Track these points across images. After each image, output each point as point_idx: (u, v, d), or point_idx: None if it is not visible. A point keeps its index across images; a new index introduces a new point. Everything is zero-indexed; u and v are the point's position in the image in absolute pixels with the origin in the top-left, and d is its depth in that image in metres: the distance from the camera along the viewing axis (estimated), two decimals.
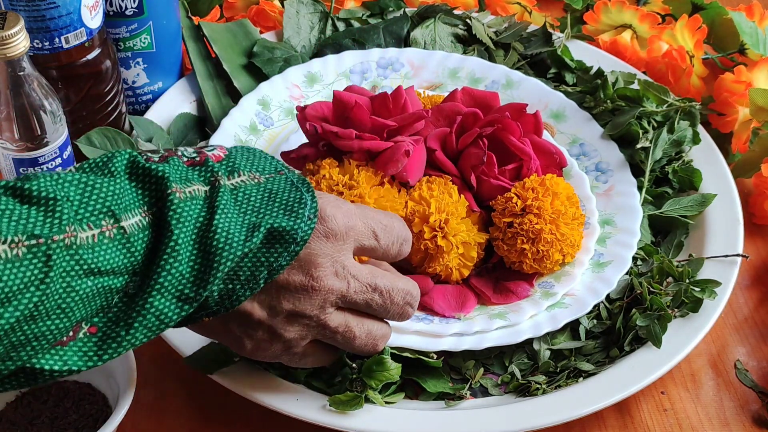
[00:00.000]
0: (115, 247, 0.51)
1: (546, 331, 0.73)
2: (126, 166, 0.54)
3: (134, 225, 0.52)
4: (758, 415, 0.73)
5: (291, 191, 0.59)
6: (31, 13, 0.75)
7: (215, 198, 0.55)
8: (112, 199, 0.51)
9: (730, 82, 0.92)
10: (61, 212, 0.48)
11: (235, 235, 0.55)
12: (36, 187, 0.48)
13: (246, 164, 0.60)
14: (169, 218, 0.53)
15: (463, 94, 0.82)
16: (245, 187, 0.58)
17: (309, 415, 0.67)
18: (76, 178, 0.51)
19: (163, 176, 0.54)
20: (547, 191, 0.76)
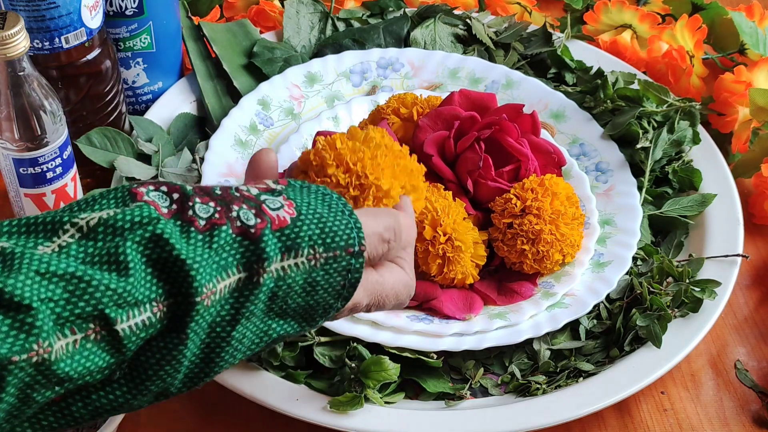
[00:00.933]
0: (101, 350, 0.44)
1: (546, 331, 0.73)
2: (148, 249, 0.45)
3: (136, 325, 0.45)
4: (758, 415, 0.73)
5: (334, 289, 0.52)
6: (31, 13, 0.75)
7: (246, 300, 0.48)
8: (109, 299, 0.44)
9: (730, 82, 0.92)
10: (32, 325, 0.41)
11: (246, 343, 0.50)
12: (11, 289, 0.41)
13: (314, 233, 0.50)
14: (189, 330, 0.46)
15: (460, 97, 0.82)
16: (293, 276, 0.50)
17: (309, 415, 0.67)
18: (69, 273, 0.43)
19: (194, 278, 0.45)
20: (547, 192, 0.76)
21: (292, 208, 0.51)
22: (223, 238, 0.47)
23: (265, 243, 0.48)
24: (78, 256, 0.44)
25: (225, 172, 0.83)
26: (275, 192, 0.51)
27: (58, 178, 0.77)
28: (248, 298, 0.48)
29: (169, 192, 0.48)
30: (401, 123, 0.82)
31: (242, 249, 0.48)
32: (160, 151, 0.85)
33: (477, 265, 0.76)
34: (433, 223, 0.74)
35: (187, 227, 0.47)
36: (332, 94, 0.92)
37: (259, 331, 0.50)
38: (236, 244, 0.48)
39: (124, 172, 0.83)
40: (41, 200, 0.78)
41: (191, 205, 0.48)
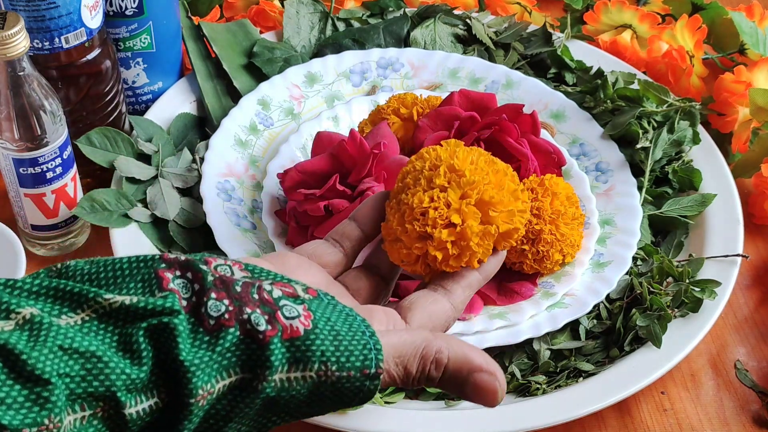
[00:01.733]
0: (106, 429, 0.45)
1: (546, 331, 0.73)
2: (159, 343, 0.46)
3: (143, 410, 0.45)
4: (758, 415, 0.73)
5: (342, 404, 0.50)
6: (31, 13, 0.75)
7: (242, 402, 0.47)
8: (122, 383, 0.44)
9: (730, 82, 0.92)
10: (48, 400, 0.42)
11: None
12: (33, 362, 0.42)
13: (327, 349, 0.48)
14: (181, 426, 0.46)
15: (460, 97, 0.82)
16: (297, 389, 0.48)
17: None
18: (90, 351, 0.44)
19: (191, 380, 0.45)
20: (547, 191, 0.76)
21: (309, 320, 0.49)
22: (228, 341, 0.47)
23: (271, 351, 0.47)
24: (98, 334, 0.45)
25: (225, 172, 0.83)
26: (298, 300, 0.50)
27: (58, 178, 0.77)
28: (244, 400, 0.48)
29: (192, 281, 0.48)
30: (401, 123, 0.82)
31: (248, 351, 0.47)
32: (160, 151, 0.85)
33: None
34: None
35: (197, 326, 0.47)
36: (332, 94, 0.92)
37: (256, 423, 0.50)
38: (243, 345, 0.47)
39: (124, 172, 0.83)
40: (41, 200, 0.78)
41: (205, 301, 0.47)
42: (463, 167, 0.56)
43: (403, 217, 0.56)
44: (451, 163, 0.56)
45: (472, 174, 0.56)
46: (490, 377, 0.51)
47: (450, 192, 0.55)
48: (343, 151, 0.77)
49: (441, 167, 0.56)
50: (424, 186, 0.56)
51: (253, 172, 0.85)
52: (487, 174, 0.56)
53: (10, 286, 0.46)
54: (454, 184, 0.56)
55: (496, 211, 0.56)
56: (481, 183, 0.56)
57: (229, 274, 0.49)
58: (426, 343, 0.51)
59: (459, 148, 0.58)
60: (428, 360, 0.51)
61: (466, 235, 0.55)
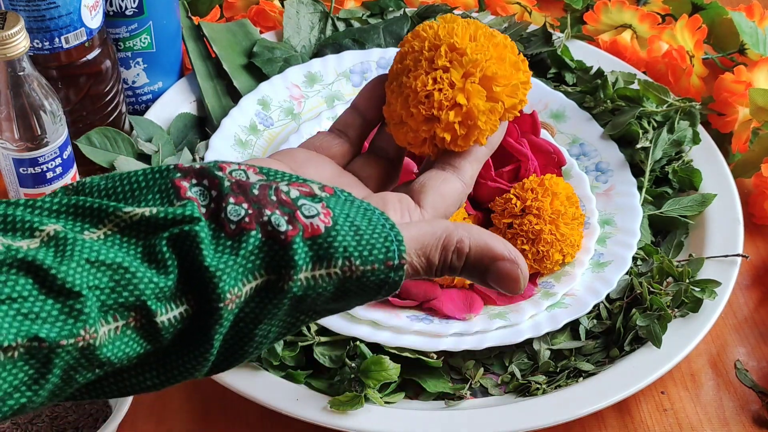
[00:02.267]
0: (141, 338, 0.45)
1: (546, 331, 0.73)
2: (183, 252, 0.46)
3: (174, 318, 0.46)
4: (758, 415, 0.73)
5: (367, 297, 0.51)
6: (31, 13, 0.75)
7: (270, 303, 0.48)
8: (151, 291, 0.45)
9: (730, 82, 0.92)
10: (81, 311, 0.43)
11: (270, 337, 0.50)
12: (63, 276, 0.43)
13: (349, 244, 0.48)
14: (214, 332, 0.46)
15: None
16: (323, 286, 0.48)
17: (309, 415, 0.67)
18: (117, 263, 0.44)
19: (217, 285, 0.46)
20: (547, 191, 0.76)
21: (329, 218, 0.49)
22: (251, 244, 0.47)
23: (294, 251, 0.47)
24: (122, 247, 0.46)
25: None
26: (316, 198, 0.50)
27: (58, 178, 0.77)
28: (271, 301, 0.48)
29: (209, 188, 0.48)
30: None
31: (271, 253, 0.47)
32: (160, 151, 0.85)
33: None
34: None
35: (218, 232, 0.47)
36: (332, 94, 0.92)
37: (285, 323, 0.50)
38: (265, 248, 0.47)
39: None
40: None
41: (224, 206, 0.47)
42: (463, 45, 0.55)
43: (407, 101, 0.55)
44: (451, 41, 0.55)
45: (474, 51, 0.55)
46: (512, 265, 0.51)
47: (453, 72, 0.55)
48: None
49: (441, 47, 0.55)
50: (426, 68, 0.55)
51: None
52: (488, 49, 0.55)
53: (30, 206, 0.46)
54: (456, 63, 0.55)
55: (500, 86, 0.55)
56: (483, 59, 0.55)
57: (244, 178, 0.49)
58: (447, 233, 0.51)
59: (456, 23, 0.57)
60: (450, 250, 0.51)
61: (472, 114, 0.55)
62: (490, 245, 0.52)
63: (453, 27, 0.56)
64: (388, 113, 0.57)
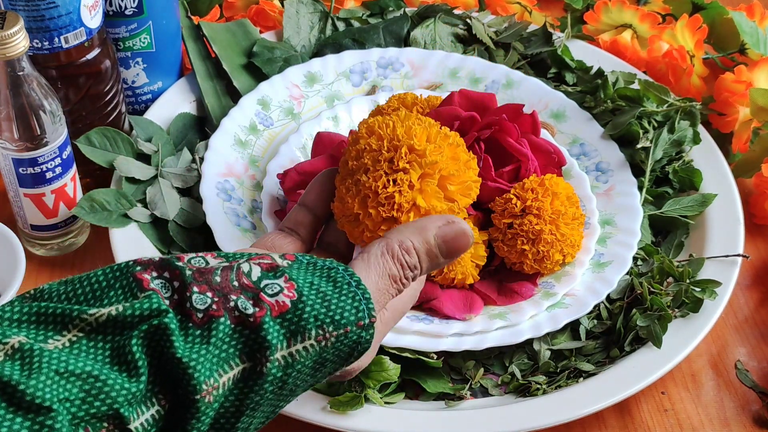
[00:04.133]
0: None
1: (546, 331, 0.73)
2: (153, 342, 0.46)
3: (146, 421, 0.45)
4: (758, 416, 0.73)
5: (341, 361, 0.51)
6: (31, 13, 0.75)
7: (250, 391, 0.47)
8: (124, 398, 0.44)
9: (731, 82, 0.92)
10: (52, 427, 0.41)
11: (252, 429, 0.49)
12: (32, 391, 0.41)
13: (319, 313, 0.49)
14: (190, 427, 0.45)
15: (460, 97, 0.82)
16: (302, 361, 0.48)
17: (309, 415, 0.67)
18: (86, 372, 0.43)
19: (192, 376, 0.45)
20: (547, 191, 0.76)
21: (293, 290, 0.49)
22: (221, 331, 0.47)
23: (266, 331, 0.47)
24: (89, 353, 0.45)
25: (224, 172, 0.83)
26: (278, 271, 0.50)
27: (57, 178, 0.77)
28: (252, 389, 0.47)
29: (171, 280, 0.48)
30: None
31: (243, 339, 0.47)
32: (159, 151, 0.85)
33: (477, 265, 0.76)
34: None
35: (186, 322, 0.47)
36: (332, 94, 0.92)
37: (266, 414, 0.50)
38: (236, 335, 0.47)
39: (124, 172, 0.83)
40: (41, 200, 0.78)
41: (189, 296, 0.47)
42: (422, 147, 0.57)
43: (365, 201, 0.56)
44: (411, 143, 0.57)
45: (432, 153, 0.57)
46: (450, 226, 0.54)
47: (412, 173, 0.57)
48: (341, 151, 0.77)
49: (402, 148, 0.57)
50: (386, 168, 0.57)
51: (253, 172, 0.85)
52: (444, 149, 0.58)
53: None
54: (416, 165, 0.57)
55: (454, 185, 0.58)
56: (441, 161, 0.57)
57: (204, 264, 0.49)
58: (384, 242, 0.53)
59: (412, 122, 0.59)
60: (397, 253, 0.52)
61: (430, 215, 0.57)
62: (424, 225, 0.53)
63: (411, 127, 0.58)
64: (340, 210, 0.58)
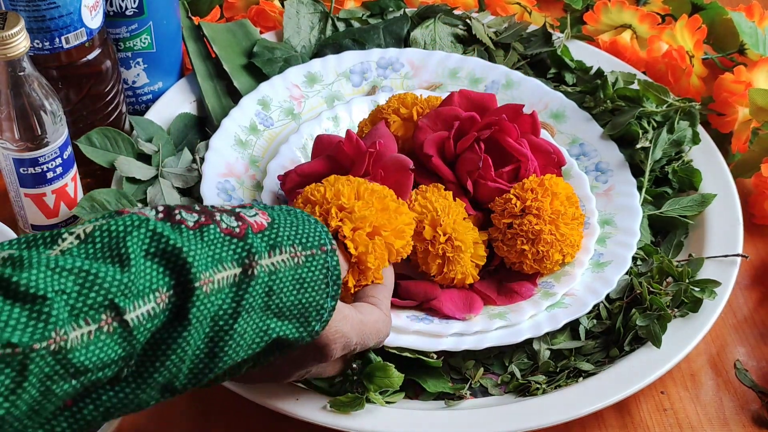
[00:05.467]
0: (113, 342, 0.46)
1: (546, 331, 0.73)
2: (146, 244, 0.48)
3: (143, 315, 0.47)
4: (758, 415, 0.74)
5: (320, 287, 0.56)
6: (32, 13, 0.75)
7: (246, 291, 0.51)
8: (117, 290, 0.46)
9: (730, 82, 0.92)
10: (49, 314, 0.43)
11: (247, 339, 0.52)
12: (26, 281, 0.43)
13: (290, 234, 0.55)
14: (191, 316, 0.48)
15: (459, 97, 0.82)
16: (282, 272, 0.54)
17: (309, 415, 0.67)
18: (77, 266, 0.45)
19: (191, 263, 0.48)
20: (547, 192, 0.76)
21: (266, 216, 0.55)
22: (212, 233, 0.51)
23: (252, 240, 0.52)
24: (81, 255, 0.46)
25: (225, 172, 0.83)
26: (251, 207, 0.56)
27: (58, 178, 0.77)
28: (246, 290, 0.51)
29: (153, 207, 0.52)
30: (401, 122, 0.82)
31: (233, 245, 0.52)
32: (160, 151, 0.85)
33: (477, 265, 0.76)
34: (433, 223, 0.74)
35: (177, 227, 0.50)
36: (332, 94, 0.92)
37: (258, 329, 0.53)
38: (226, 241, 0.51)
39: (125, 172, 0.83)
40: (41, 200, 0.78)
41: (177, 212, 0.51)
42: (350, 204, 0.67)
43: None
44: (339, 203, 0.67)
45: (360, 209, 0.66)
46: None
47: (344, 228, 0.66)
48: (340, 152, 0.77)
49: (332, 209, 0.67)
50: None
51: (253, 172, 0.85)
52: (372, 204, 0.67)
53: None
54: (347, 220, 0.66)
55: (387, 231, 0.67)
56: (370, 215, 0.66)
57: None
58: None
59: (341, 183, 0.68)
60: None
61: (362, 260, 0.66)
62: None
63: (339, 188, 0.68)
64: None
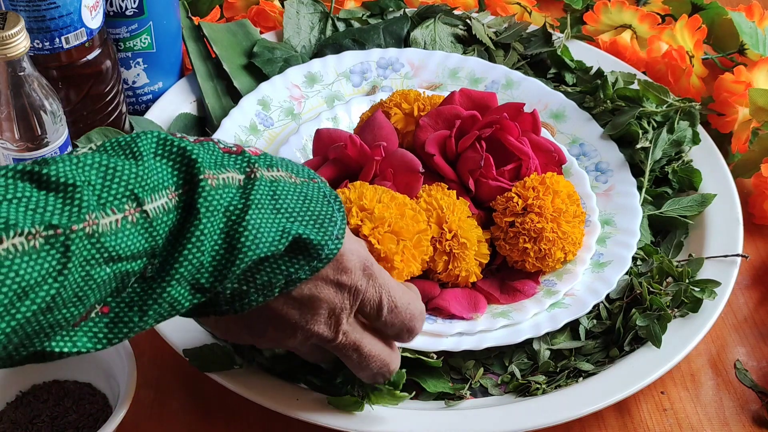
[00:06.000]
0: (138, 232, 0.49)
1: (546, 331, 0.73)
2: (155, 145, 0.51)
3: (159, 208, 0.50)
4: (758, 415, 0.74)
5: (323, 203, 0.57)
6: (32, 13, 0.75)
7: (252, 189, 0.53)
8: (135, 181, 0.49)
9: (730, 83, 0.92)
10: (81, 199, 0.46)
11: (265, 234, 0.53)
12: (55, 172, 0.46)
13: (282, 164, 0.57)
14: (199, 205, 0.51)
15: (461, 96, 0.82)
16: (283, 183, 0.56)
17: (309, 415, 0.67)
18: (97, 161, 0.48)
19: (196, 159, 0.51)
20: (548, 190, 0.76)
21: (258, 149, 0.57)
22: (211, 147, 0.53)
23: (249, 155, 0.55)
24: (97, 155, 0.50)
25: None
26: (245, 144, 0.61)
27: None
28: (252, 189, 0.53)
29: None
30: (402, 116, 0.83)
31: (232, 158, 0.54)
32: None
33: (480, 263, 0.76)
34: (439, 221, 0.74)
35: (180, 139, 0.53)
36: (332, 94, 0.92)
37: (276, 227, 0.54)
38: (226, 155, 0.54)
39: None
40: None
41: (177, 134, 0.53)
42: (371, 206, 0.70)
43: None
44: (361, 203, 0.70)
45: (380, 211, 0.70)
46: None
47: (364, 227, 0.69)
48: (345, 156, 0.77)
49: (353, 208, 0.70)
50: None
51: None
52: (391, 208, 0.70)
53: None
54: (367, 221, 0.70)
55: (405, 238, 0.70)
56: (388, 217, 0.70)
57: None
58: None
59: (365, 188, 0.71)
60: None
61: (388, 257, 0.69)
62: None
63: (363, 191, 0.71)
64: None
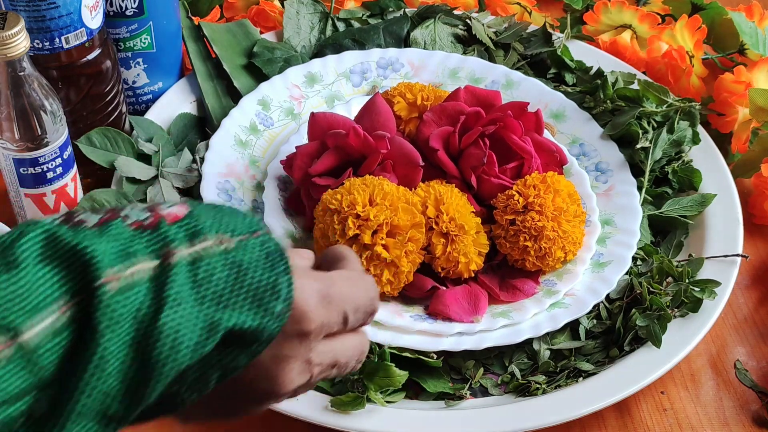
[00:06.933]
0: (13, 369, 0.39)
1: (546, 331, 0.73)
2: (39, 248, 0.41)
3: (42, 332, 0.40)
4: (758, 415, 0.74)
5: (264, 268, 0.47)
6: (32, 14, 0.75)
7: (166, 282, 0.43)
8: (10, 303, 0.39)
9: (730, 83, 0.92)
10: None
11: (187, 335, 0.43)
12: None
13: (213, 223, 0.46)
14: (96, 321, 0.41)
15: (465, 93, 0.83)
16: (209, 257, 0.45)
17: (309, 415, 0.67)
18: None
19: (91, 258, 0.41)
20: (549, 188, 0.76)
21: (184, 207, 0.47)
22: (116, 228, 0.43)
23: (166, 229, 0.44)
24: None
25: (225, 172, 0.83)
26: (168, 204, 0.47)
27: (58, 178, 0.77)
28: (166, 281, 0.43)
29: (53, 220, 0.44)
30: (406, 104, 0.83)
31: (144, 238, 0.44)
32: (160, 151, 0.85)
33: (480, 253, 0.76)
34: (436, 203, 0.74)
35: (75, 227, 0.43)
36: (332, 94, 0.92)
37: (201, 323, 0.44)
38: (136, 235, 0.44)
39: (125, 172, 0.83)
40: (41, 200, 0.78)
41: (78, 214, 0.44)
42: (366, 213, 0.71)
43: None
44: (354, 212, 0.71)
45: (375, 215, 0.71)
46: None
47: (363, 237, 0.71)
48: (347, 144, 0.77)
49: (348, 219, 0.71)
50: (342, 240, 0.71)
51: (254, 173, 0.85)
52: (385, 208, 0.71)
53: None
54: (364, 228, 0.71)
55: (402, 233, 0.71)
56: (384, 218, 0.70)
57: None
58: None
59: (355, 190, 0.72)
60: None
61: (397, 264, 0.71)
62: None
63: (355, 197, 0.71)
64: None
